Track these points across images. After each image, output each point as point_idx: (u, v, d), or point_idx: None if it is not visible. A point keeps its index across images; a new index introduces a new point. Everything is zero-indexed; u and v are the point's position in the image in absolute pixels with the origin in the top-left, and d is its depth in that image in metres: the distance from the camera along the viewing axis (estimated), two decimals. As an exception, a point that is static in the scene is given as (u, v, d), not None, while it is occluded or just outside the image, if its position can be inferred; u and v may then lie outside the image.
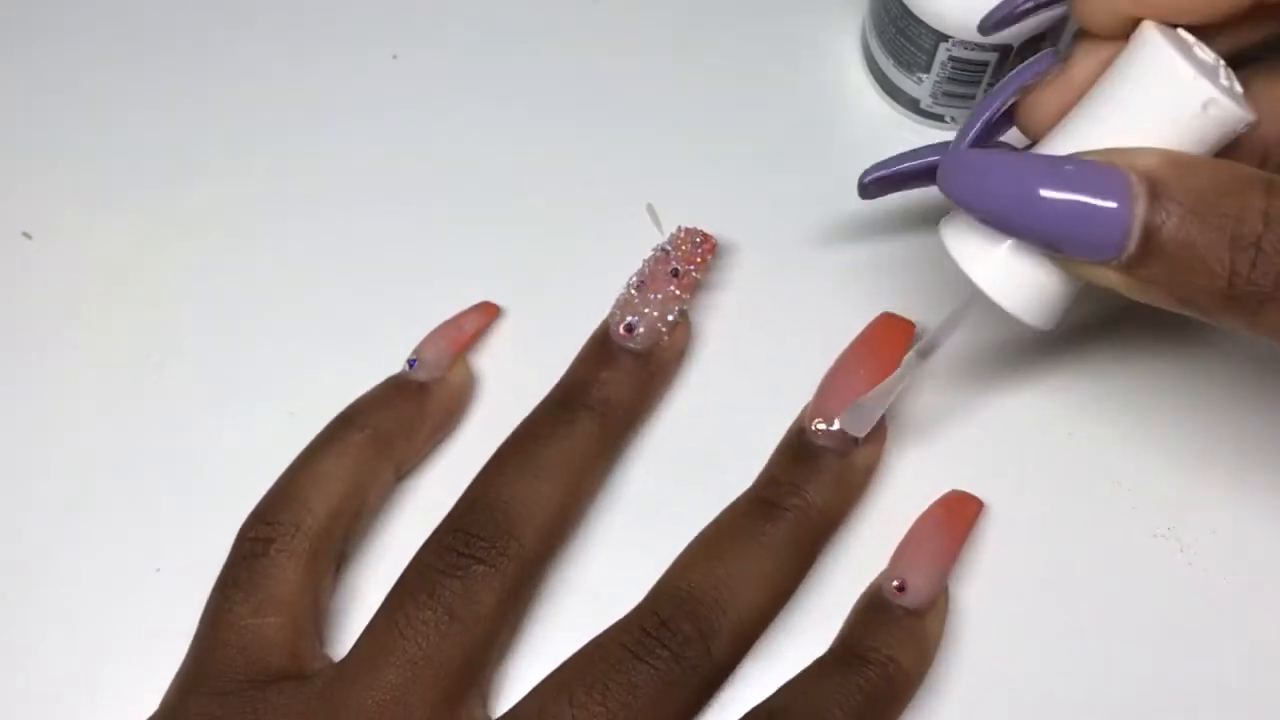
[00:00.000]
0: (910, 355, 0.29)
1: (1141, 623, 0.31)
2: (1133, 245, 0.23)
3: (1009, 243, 0.25)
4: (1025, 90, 0.28)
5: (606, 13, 0.39)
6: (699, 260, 0.33)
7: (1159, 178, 0.23)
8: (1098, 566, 0.32)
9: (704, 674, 0.29)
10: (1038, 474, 0.33)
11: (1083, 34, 0.27)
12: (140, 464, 0.33)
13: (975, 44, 0.33)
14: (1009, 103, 0.28)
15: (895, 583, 0.30)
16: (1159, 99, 0.24)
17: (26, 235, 0.36)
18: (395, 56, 0.38)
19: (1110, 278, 0.24)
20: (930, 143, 0.31)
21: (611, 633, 0.29)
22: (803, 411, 0.32)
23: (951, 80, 0.35)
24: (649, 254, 0.33)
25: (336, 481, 0.30)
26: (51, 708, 0.31)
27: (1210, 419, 0.34)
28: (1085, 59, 0.26)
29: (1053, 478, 0.33)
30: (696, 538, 0.31)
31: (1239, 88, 0.25)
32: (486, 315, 0.34)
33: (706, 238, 0.33)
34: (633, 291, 0.32)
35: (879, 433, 0.32)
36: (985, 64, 0.34)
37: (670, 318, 0.32)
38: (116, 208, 0.36)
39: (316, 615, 0.30)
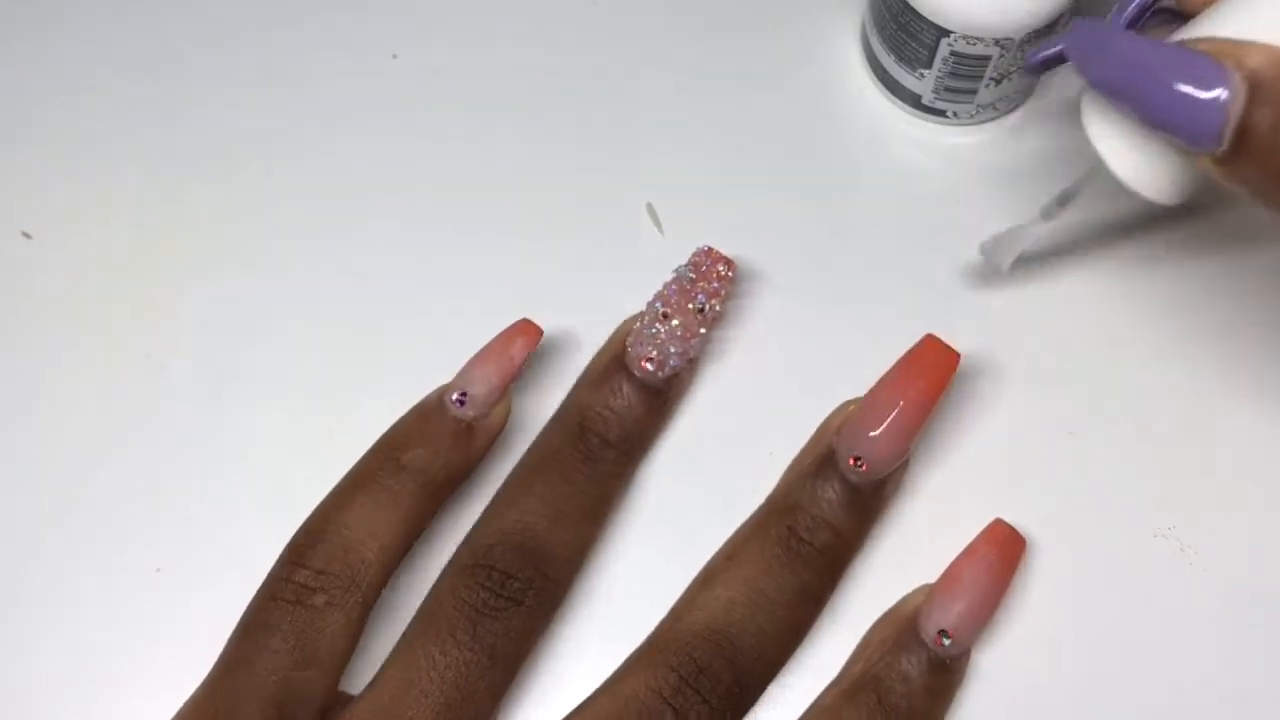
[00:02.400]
0: (1050, 203, 0.29)
1: (1142, 623, 0.31)
2: (1226, 142, 0.23)
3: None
4: None
5: (606, 12, 0.39)
6: (723, 294, 0.32)
7: (1261, 78, 0.23)
8: (1098, 566, 0.32)
9: None
10: (1037, 473, 0.33)
11: None
12: (140, 464, 0.33)
13: (977, 39, 0.33)
14: None
15: (941, 633, 0.29)
16: None
17: (26, 235, 0.36)
18: (395, 56, 0.38)
19: (1208, 168, 0.24)
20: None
21: (645, 678, 0.28)
22: (824, 430, 0.31)
23: (953, 75, 0.35)
24: (670, 276, 0.32)
25: (390, 533, 0.29)
26: (51, 708, 0.31)
27: (1211, 419, 0.33)
28: None
29: (1052, 477, 0.33)
30: (724, 562, 0.30)
31: None
32: (531, 338, 0.31)
33: (730, 265, 0.32)
34: (658, 326, 0.31)
35: (904, 462, 0.31)
36: (987, 58, 0.34)
37: (693, 356, 0.32)
38: (116, 208, 0.36)
39: (348, 665, 0.29)
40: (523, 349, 0.31)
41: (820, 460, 0.30)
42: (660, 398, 0.32)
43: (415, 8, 0.39)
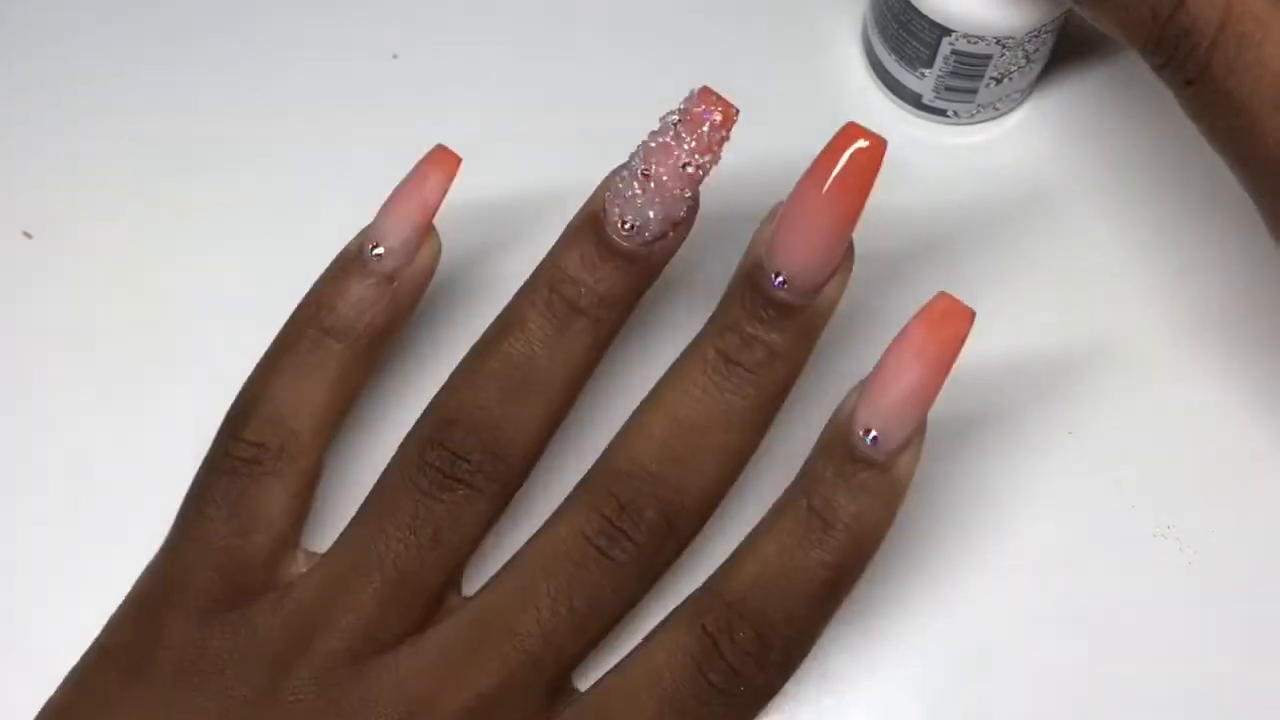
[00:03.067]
0: None
1: (1141, 623, 0.31)
2: None
3: None
4: None
5: (607, 12, 0.39)
6: (715, 149, 0.28)
7: None
8: (1098, 566, 0.32)
9: (669, 557, 0.28)
10: (1038, 473, 0.33)
11: None
12: (140, 464, 0.33)
13: (978, 37, 0.33)
14: None
15: (865, 432, 0.26)
16: None
17: (27, 235, 0.36)
18: (395, 56, 0.38)
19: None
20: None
21: (568, 520, 0.27)
22: (755, 240, 0.28)
23: (954, 75, 0.35)
24: (657, 126, 0.28)
25: (321, 397, 0.29)
26: (51, 707, 0.31)
27: (1211, 419, 0.33)
28: None
29: (1053, 477, 0.33)
30: (650, 405, 0.28)
31: None
32: (448, 171, 0.29)
33: (728, 111, 0.28)
34: (636, 186, 0.28)
35: (846, 263, 0.28)
36: (988, 57, 0.34)
37: (680, 215, 0.28)
38: (116, 207, 0.36)
39: (299, 528, 0.29)
40: (437, 187, 0.29)
41: (747, 277, 0.28)
42: (639, 262, 0.28)
43: (415, 8, 0.39)
